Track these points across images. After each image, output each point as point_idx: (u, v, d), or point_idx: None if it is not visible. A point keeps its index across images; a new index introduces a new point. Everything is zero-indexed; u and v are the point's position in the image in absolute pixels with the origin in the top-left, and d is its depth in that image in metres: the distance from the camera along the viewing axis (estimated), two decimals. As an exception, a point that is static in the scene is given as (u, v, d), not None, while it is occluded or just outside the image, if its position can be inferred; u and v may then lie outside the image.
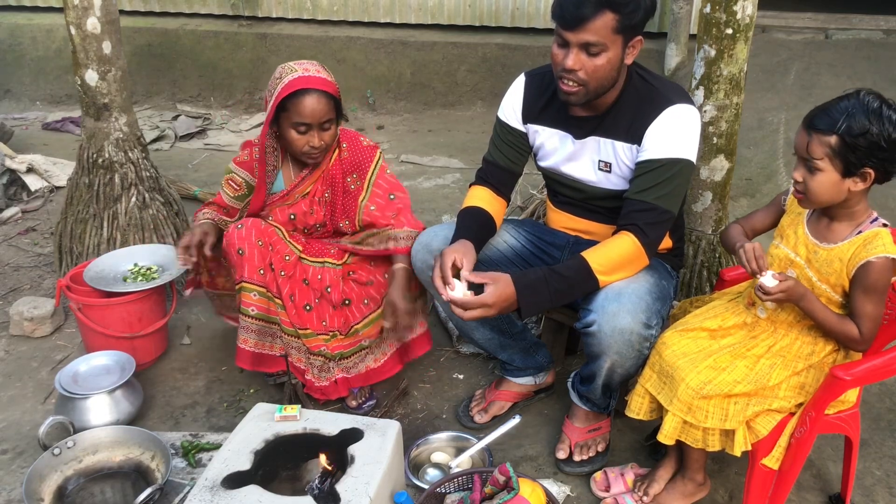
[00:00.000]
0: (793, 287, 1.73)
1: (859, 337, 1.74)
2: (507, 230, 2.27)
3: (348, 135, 2.44)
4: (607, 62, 1.86)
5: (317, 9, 5.81)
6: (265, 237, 2.29)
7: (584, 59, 1.86)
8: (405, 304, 2.25)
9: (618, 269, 1.91)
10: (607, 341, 1.90)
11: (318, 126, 2.24)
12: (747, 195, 3.91)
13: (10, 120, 5.23)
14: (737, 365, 1.81)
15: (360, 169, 2.40)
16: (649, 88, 1.98)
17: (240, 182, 2.44)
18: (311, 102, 2.20)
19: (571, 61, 1.86)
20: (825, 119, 1.65)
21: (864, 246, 1.71)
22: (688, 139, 1.93)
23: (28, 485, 1.96)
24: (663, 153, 1.91)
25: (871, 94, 1.66)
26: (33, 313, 2.83)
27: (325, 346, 2.35)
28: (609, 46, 1.84)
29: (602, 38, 1.82)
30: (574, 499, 2.09)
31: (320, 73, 2.25)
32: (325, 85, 2.22)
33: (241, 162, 2.44)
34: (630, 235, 1.91)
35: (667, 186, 1.92)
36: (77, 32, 2.91)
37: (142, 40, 5.81)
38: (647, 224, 1.91)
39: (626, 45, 1.88)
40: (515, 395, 2.43)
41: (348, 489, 1.66)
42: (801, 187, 1.73)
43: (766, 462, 1.80)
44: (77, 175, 3.13)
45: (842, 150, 1.64)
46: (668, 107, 1.92)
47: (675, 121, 1.92)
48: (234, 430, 1.87)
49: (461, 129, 5.30)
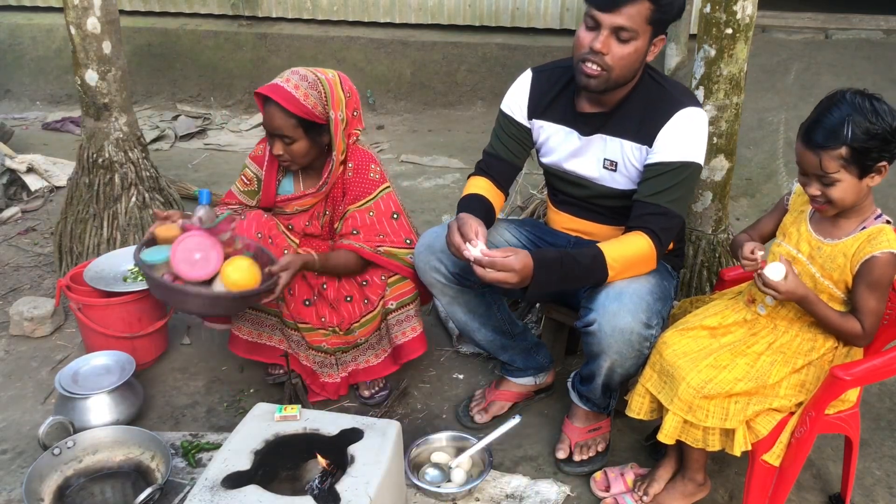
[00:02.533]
0: (793, 289, 1.74)
1: (862, 332, 1.75)
2: (508, 229, 2.27)
3: (359, 156, 2.34)
4: (634, 51, 1.86)
5: (317, 9, 5.81)
6: (265, 229, 2.30)
7: (614, 43, 1.85)
8: (286, 278, 2.12)
9: (630, 267, 1.91)
10: (607, 341, 1.89)
11: (278, 137, 2.21)
12: (747, 195, 3.91)
13: (10, 120, 5.23)
14: (737, 363, 1.81)
15: (353, 196, 2.33)
16: (660, 89, 1.97)
17: (251, 177, 2.42)
18: (269, 112, 2.18)
19: (601, 44, 1.84)
20: (827, 134, 1.65)
21: (869, 241, 1.72)
22: (699, 143, 1.94)
23: (28, 485, 1.96)
24: (676, 156, 1.91)
25: (856, 94, 1.67)
26: (33, 313, 2.83)
27: (324, 340, 2.37)
28: (639, 35, 1.84)
29: (635, 24, 1.82)
30: (574, 499, 2.09)
31: (297, 88, 2.17)
32: (288, 101, 2.14)
33: (255, 157, 2.43)
34: (646, 237, 1.91)
35: (679, 190, 1.92)
36: (77, 32, 2.91)
37: (142, 40, 5.81)
38: (661, 229, 1.91)
39: (653, 39, 1.88)
40: (515, 395, 2.43)
41: (348, 489, 1.66)
42: (821, 199, 1.73)
43: (767, 458, 1.80)
44: (77, 175, 3.14)
45: (855, 157, 1.65)
46: (680, 109, 1.92)
47: (688, 124, 1.92)
48: (234, 430, 1.86)
49: (461, 129, 5.30)
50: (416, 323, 2.37)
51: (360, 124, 2.37)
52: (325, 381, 2.43)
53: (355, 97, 2.32)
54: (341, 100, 2.24)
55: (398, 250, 2.30)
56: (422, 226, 3.70)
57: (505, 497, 2.08)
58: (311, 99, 2.17)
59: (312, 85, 2.19)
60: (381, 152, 4.93)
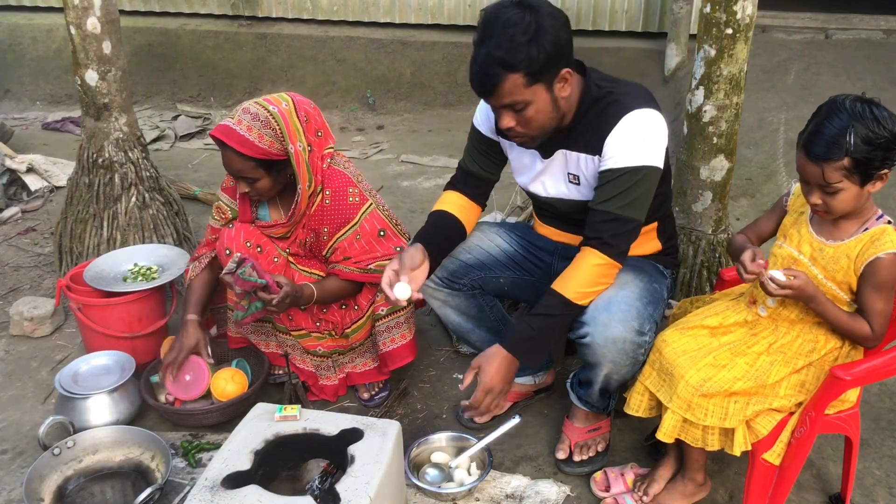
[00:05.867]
0: (803, 286, 1.72)
1: (871, 334, 1.75)
2: (499, 234, 2.27)
3: (336, 181, 2.24)
4: (536, 112, 1.82)
5: (317, 9, 5.81)
6: (253, 238, 2.30)
7: (514, 115, 1.83)
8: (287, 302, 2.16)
9: (593, 286, 1.91)
10: (601, 351, 1.90)
11: (241, 178, 2.17)
12: (747, 195, 3.91)
13: (10, 120, 5.23)
14: (737, 362, 1.81)
15: (335, 224, 2.25)
16: (607, 96, 1.91)
17: (225, 209, 2.37)
18: (226, 157, 2.13)
19: (504, 122, 1.85)
20: (829, 146, 1.63)
21: (872, 242, 1.71)
22: (649, 145, 1.88)
23: (28, 485, 1.97)
24: (624, 162, 1.86)
25: (855, 101, 1.64)
26: (33, 313, 2.84)
27: (319, 344, 2.37)
28: (531, 98, 1.80)
29: (518, 96, 1.78)
30: (574, 499, 2.09)
31: (251, 130, 2.08)
32: (243, 145, 2.08)
33: (226, 188, 2.37)
34: (595, 252, 1.89)
35: (630, 195, 1.88)
36: (77, 32, 2.91)
37: (142, 40, 5.81)
38: (612, 236, 1.89)
39: (551, 86, 1.81)
40: (515, 394, 2.43)
41: (348, 489, 1.66)
42: (822, 207, 1.72)
43: (767, 457, 1.79)
44: (77, 175, 3.14)
45: (858, 166, 1.63)
46: (625, 114, 1.86)
47: (634, 128, 1.87)
48: (234, 430, 1.86)
49: (461, 129, 5.29)
50: (406, 330, 2.35)
51: (328, 141, 2.27)
52: (324, 384, 2.45)
53: (314, 117, 2.22)
54: (298, 129, 2.14)
55: (388, 261, 2.27)
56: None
57: (505, 497, 2.08)
58: (267, 139, 2.09)
59: (265, 123, 2.09)
60: (381, 152, 4.93)
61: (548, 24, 1.74)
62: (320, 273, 2.35)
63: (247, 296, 2.19)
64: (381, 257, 2.27)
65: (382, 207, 2.33)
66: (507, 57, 1.73)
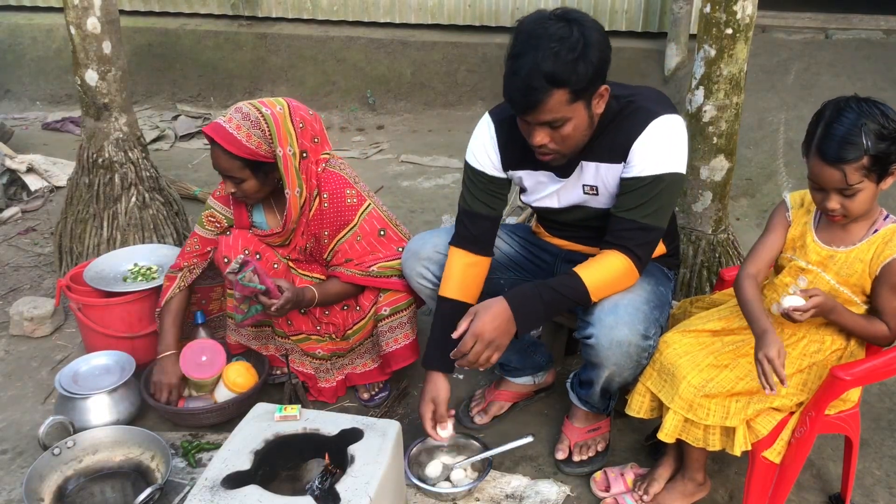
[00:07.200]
0: (823, 302, 1.71)
1: (889, 334, 1.76)
2: (500, 237, 2.25)
3: (333, 184, 2.24)
4: (574, 128, 1.77)
5: (317, 9, 5.81)
6: (251, 245, 2.30)
7: (550, 132, 1.77)
8: (287, 307, 2.16)
9: (611, 286, 1.89)
10: (605, 353, 1.89)
11: (227, 177, 2.17)
12: (747, 195, 3.91)
13: (10, 120, 5.23)
14: (739, 362, 1.81)
15: (335, 227, 2.25)
16: (628, 104, 1.87)
17: (220, 218, 2.35)
18: (214, 154, 2.14)
19: (538, 139, 1.79)
20: (846, 147, 1.62)
21: (886, 244, 1.72)
22: (674, 152, 1.85)
23: (28, 485, 1.97)
24: (650, 170, 1.84)
25: (860, 101, 1.65)
26: (33, 313, 2.83)
27: (318, 347, 2.38)
28: (571, 115, 1.74)
29: (559, 113, 1.73)
30: (574, 499, 2.09)
31: (240, 128, 2.08)
32: (230, 143, 2.08)
33: (219, 197, 2.36)
34: (623, 256, 1.87)
35: (655, 203, 1.86)
36: (77, 32, 2.91)
37: (142, 40, 5.81)
38: (637, 245, 1.87)
39: (590, 103, 1.77)
40: (515, 395, 2.43)
41: (348, 489, 1.66)
42: (840, 212, 1.71)
43: (768, 455, 1.79)
44: (77, 175, 3.14)
45: (876, 164, 1.63)
46: (652, 120, 1.83)
47: (661, 135, 1.84)
48: (234, 430, 1.86)
49: (461, 129, 5.29)
50: (409, 330, 2.34)
51: (324, 148, 2.27)
52: (322, 387, 2.45)
53: (311, 124, 2.21)
54: (290, 134, 2.14)
55: (391, 262, 2.26)
56: (422, 226, 3.70)
57: (505, 497, 2.08)
58: (255, 139, 2.08)
59: (255, 123, 2.09)
60: (381, 152, 4.93)
61: (594, 39, 1.70)
62: (321, 277, 2.35)
63: (246, 299, 2.19)
64: (382, 258, 2.26)
65: (381, 207, 2.33)
66: (555, 72, 1.66)
